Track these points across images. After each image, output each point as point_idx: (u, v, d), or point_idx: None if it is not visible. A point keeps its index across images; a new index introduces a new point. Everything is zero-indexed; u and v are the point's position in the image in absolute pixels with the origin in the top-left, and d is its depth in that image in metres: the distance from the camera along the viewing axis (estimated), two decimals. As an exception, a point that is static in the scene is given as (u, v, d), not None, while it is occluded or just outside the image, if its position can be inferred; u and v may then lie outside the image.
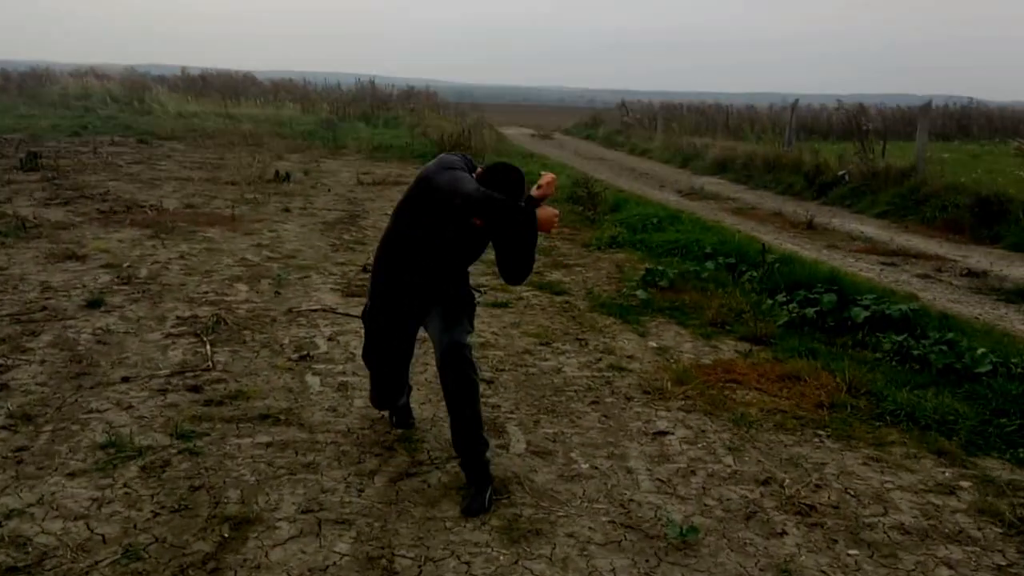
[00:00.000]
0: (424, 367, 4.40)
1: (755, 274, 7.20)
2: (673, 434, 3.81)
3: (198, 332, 4.79)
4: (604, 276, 7.29)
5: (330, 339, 4.85)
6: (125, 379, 4.04)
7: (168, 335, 4.76)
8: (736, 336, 5.49)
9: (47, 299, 5.36)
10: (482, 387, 3.70)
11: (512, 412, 3.96)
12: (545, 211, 3.09)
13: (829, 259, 8.39)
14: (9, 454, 3.24)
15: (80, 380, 4.01)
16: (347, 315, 5.38)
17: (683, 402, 4.20)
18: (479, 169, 3.26)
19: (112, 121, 22.56)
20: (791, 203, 13.45)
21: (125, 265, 6.42)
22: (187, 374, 4.17)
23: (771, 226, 10.99)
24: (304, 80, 35.35)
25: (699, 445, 3.71)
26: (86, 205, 9.49)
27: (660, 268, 7.08)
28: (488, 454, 3.23)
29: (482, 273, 6.15)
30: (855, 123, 14.48)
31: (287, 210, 10.05)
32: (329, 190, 12.27)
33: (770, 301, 6.30)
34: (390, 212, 3.49)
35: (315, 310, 5.45)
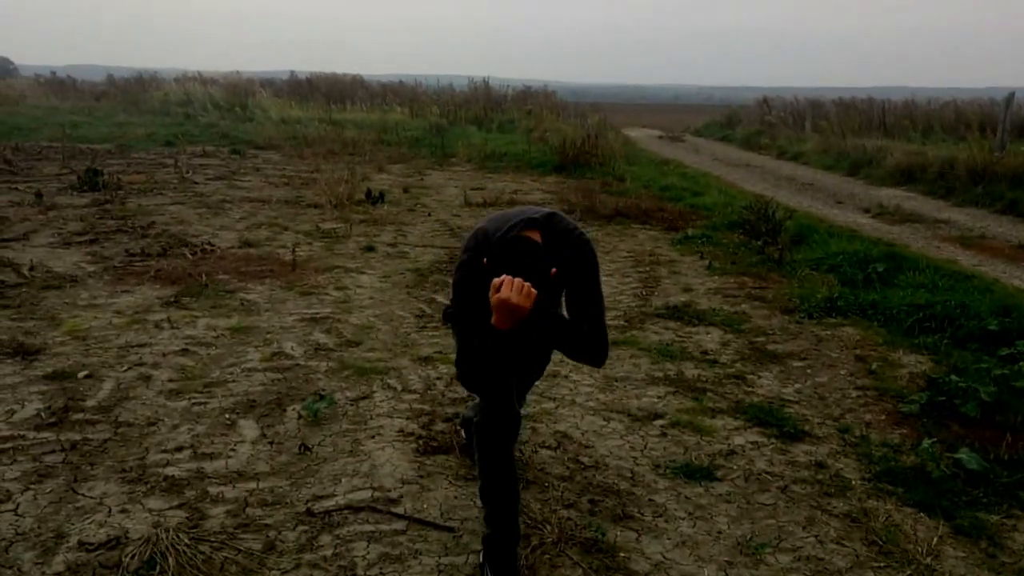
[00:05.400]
0: None
1: (1112, 386, 4.24)
2: None
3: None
4: (847, 382, 4.46)
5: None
6: None
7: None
8: None
9: None
10: None
11: None
12: (494, 302, 2.12)
13: None
14: None
15: None
16: (416, 522, 2.80)
17: None
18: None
19: (211, 129, 21.03)
20: (1027, 228, 10.15)
21: (82, 375, 4.05)
22: None
23: (1030, 267, 7.83)
24: (416, 82, 33.37)
25: None
26: (116, 244, 7.34)
27: (954, 379, 4.19)
28: None
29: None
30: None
31: (370, 248, 7.63)
32: (429, 214, 9.84)
33: None
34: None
35: (358, 509, 2.88)
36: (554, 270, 2.25)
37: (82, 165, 12.32)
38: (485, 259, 2.24)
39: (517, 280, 2.10)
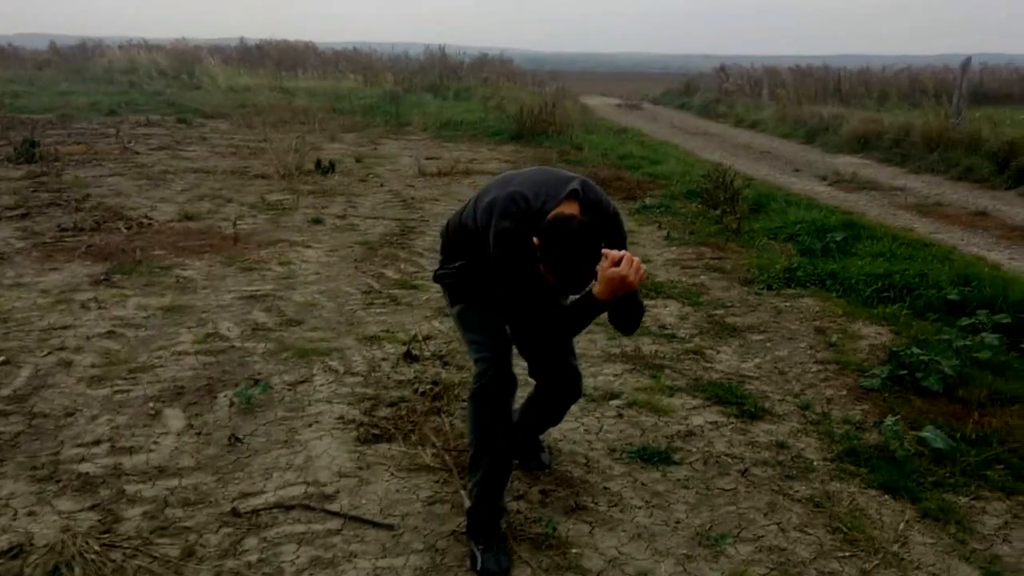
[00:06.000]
0: None
1: (1072, 356, 4.17)
2: None
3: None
4: (807, 356, 4.34)
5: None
6: None
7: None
8: None
9: None
10: None
11: None
12: (609, 276, 2.16)
13: None
14: None
15: None
16: (353, 520, 2.60)
17: None
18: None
19: (157, 98, 20.36)
20: (983, 195, 10.14)
21: (-2, 361, 3.76)
22: None
23: (987, 235, 7.78)
24: (370, 50, 32.66)
25: None
26: (49, 219, 6.96)
27: (915, 352, 4.08)
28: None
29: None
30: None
31: (318, 221, 7.34)
32: (382, 185, 9.55)
33: None
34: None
35: (290, 507, 2.67)
36: (604, 246, 2.25)
37: (20, 136, 11.77)
38: (536, 239, 2.23)
39: (636, 260, 2.16)
